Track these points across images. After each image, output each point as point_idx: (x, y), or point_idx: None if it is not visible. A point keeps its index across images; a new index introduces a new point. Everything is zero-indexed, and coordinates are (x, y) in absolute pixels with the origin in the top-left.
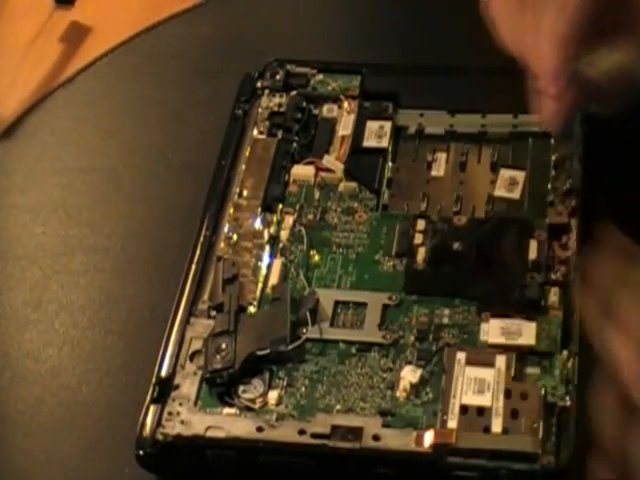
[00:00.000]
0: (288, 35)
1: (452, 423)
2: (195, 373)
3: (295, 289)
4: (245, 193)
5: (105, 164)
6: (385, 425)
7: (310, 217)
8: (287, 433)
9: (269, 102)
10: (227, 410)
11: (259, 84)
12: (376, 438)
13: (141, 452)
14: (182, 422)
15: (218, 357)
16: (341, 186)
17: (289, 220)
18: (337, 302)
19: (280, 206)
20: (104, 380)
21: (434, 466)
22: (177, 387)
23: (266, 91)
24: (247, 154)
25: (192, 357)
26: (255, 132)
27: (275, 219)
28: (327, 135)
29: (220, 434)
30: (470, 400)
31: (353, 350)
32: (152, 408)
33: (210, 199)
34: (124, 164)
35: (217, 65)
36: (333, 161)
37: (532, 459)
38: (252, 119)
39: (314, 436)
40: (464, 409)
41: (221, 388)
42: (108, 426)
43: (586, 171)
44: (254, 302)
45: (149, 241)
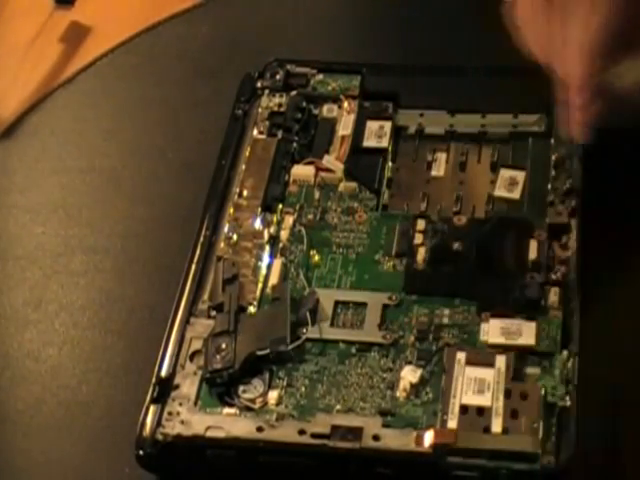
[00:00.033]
0: (288, 35)
1: (452, 423)
2: (195, 373)
3: (295, 289)
4: (245, 193)
5: (105, 164)
6: (385, 425)
7: (310, 217)
8: (287, 433)
9: (269, 102)
10: (227, 410)
11: (259, 84)
12: (376, 438)
13: (141, 452)
14: (182, 422)
15: (218, 357)
16: (341, 186)
17: (289, 220)
18: (337, 302)
19: (280, 206)
20: (104, 380)
21: (434, 466)
22: (177, 387)
23: (266, 91)
24: (247, 154)
25: (192, 357)
26: (255, 132)
27: (275, 219)
28: (327, 135)
29: (220, 434)
30: (470, 400)
31: (353, 350)
32: (152, 408)
33: (210, 199)
34: (124, 164)
35: (217, 65)
36: (333, 161)
37: (532, 459)
38: (252, 119)
39: (314, 436)
40: (464, 409)
41: (221, 388)
42: (108, 426)
43: (586, 171)
44: (254, 302)
45: (149, 241)
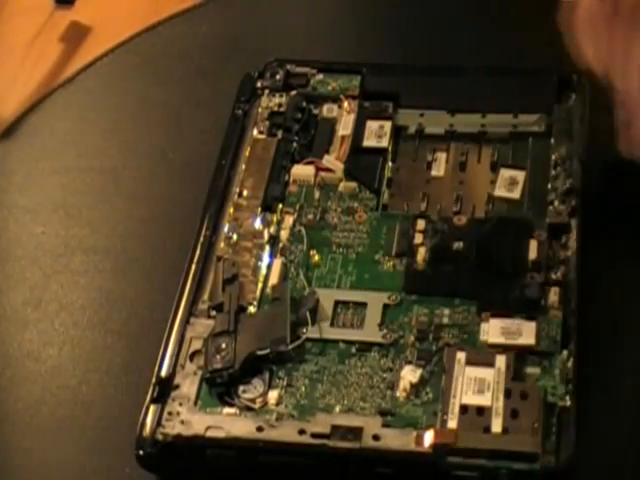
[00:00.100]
0: (288, 35)
1: (452, 423)
2: (195, 373)
3: (295, 289)
4: (245, 193)
5: (105, 164)
6: (385, 425)
7: (310, 217)
8: (287, 433)
9: (269, 102)
10: (227, 410)
11: (259, 84)
12: (376, 438)
13: (141, 452)
14: (182, 422)
15: (218, 357)
16: (341, 186)
17: (289, 220)
18: (337, 302)
19: (280, 206)
20: (104, 380)
21: (434, 466)
22: (177, 387)
23: (266, 91)
24: (247, 154)
25: (192, 357)
26: (255, 132)
27: (275, 219)
28: (327, 135)
29: (220, 434)
30: (470, 400)
31: (353, 350)
32: (152, 408)
33: (210, 199)
34: (124, 164)
35: (217, 65)
36: (333, 161)
37: (532, 459)
38: (252, 119)
39: (314, 436)
40: (464, 409)
41: (221, 388)
42: (108, 426)
43: (586, 171)
44: (254, 302)
45: (149, 241)
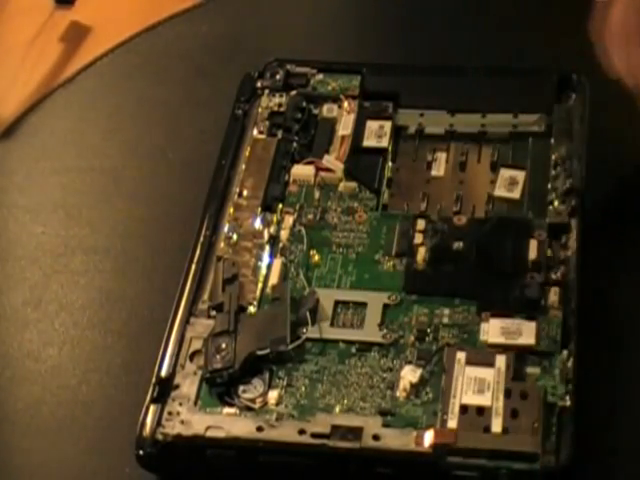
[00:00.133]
0: (288, 35)
1: (452, 423)
2: (195, 373)
3: (295, 289)
4: (245, 193)
5: (105, 164)
6: (385, 425)
7: (310, 217)
8: (287, 433)
9: (269, 102)
10: (227, 410)
11: (259, 84)
12: (376, 438)
13: (141, 452)
14: (182, 422)
15: (218, 357)
16: (341, 186)
17: (289, 220)
18: (337, 302)
19: (280, 206)
20: (104, 380)
21: (434, 466)
22: (177, 387)
23: (266, 91)
24: (247, 154)
25: (192, 357)
26: (255, 132)
27: (275, 219)
28: (327, 135)
29: (220, 434)
30: (470, 400)
31: (353, 350)
32: (152, 408)
33: (210, 199)
34: (124, 164)
35: (217, 65)
36: (333, 161)
37: (532, 459)
38: (252, 119)
39: (314, 436)
40: (464, 409)
41: (221, 388)
42: (108, 426)
43: (586, 171)
44: (254, 302)
45: (149, 241)
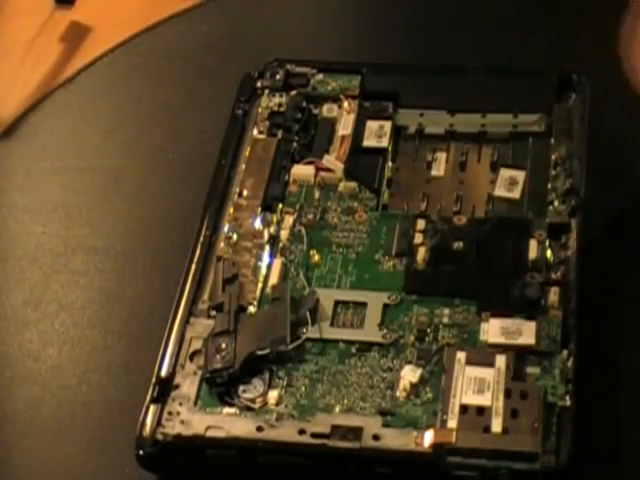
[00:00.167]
0: (288, 35)
1: (452, 423)
2: (195, 373)
3: (295, 289)
4: (245, 193)
5: (105, 164)
6: (385, 425)
7: (310, 217)
8: (287, 433)
9: (269, 102)
10: (227, 410)
11: (259, 84)
12: (376, 438)
13: (141, 452)
14: (182, 422)
15: (218, 357)
16: (341, 186)
17: (289, 220)
18: (337, 302)
19: (280, 206)
20: (104, 380)
21: (434, 466)
22: (177, 387)
23: (266, 91)
24: (247, 154)
25: (192, 357)
26: (255, 132)
27: (275, 219)
28: (327, 135)
29: (220, 434)
30: (470, 400)
31: (353, 350)
32: (152, 408)
33: (210, 199)
34: (124, 164)
35: (217, 65)
36: (333, 161)
37: (532, 459)
38: (252, 119)
39: (314, 436)
40: (464, 409)
41: (221, 388)
42: (108, 426)
43: (586, 171)
44: (254, 302)
45: (149, 241)
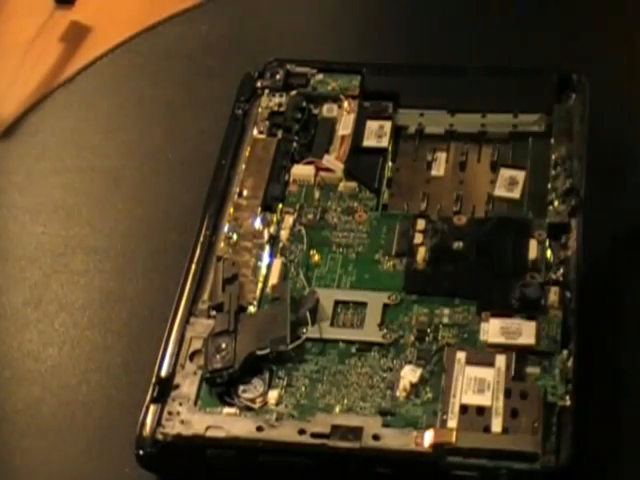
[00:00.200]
0: (288, 35)
1: (452, 423)
2: (195, 373)
3: (295, 289)
4: (245, 193)
5: (105, 164)
6: (385, 425)
7: (310, 217)
8: (287, 433)
9: (269, 102)
10: (227, 410)
11: (259, 84)
12: (376, 438)
13: (141, 452)
14: (182, 422)
15: (218, 357)
16: (341, 186)
17: (289, 220)
18: (337, 302)
19: (280, 206)
20: (104, 380)
21: (434, 466)
22: (177, 387)
23: (266, 91)
24: (247, 154)
25: (192, 357)
26: (255, 132)
27: (275, 219)
28: (327, 135)
29: (220, 434)
30: (470, 400)
31: (353, 350)
32: (152, 408)
33: (210, 199)
34: (124, 164)
35: (217, 65)
36: (333, 161)
37: (532, 459)
38: (252, 119)
39: (314, 436)
40: (464, 409)
41: (221, 388)
42: (108, 426)
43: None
44: (254, 302)
45: (149, 241)
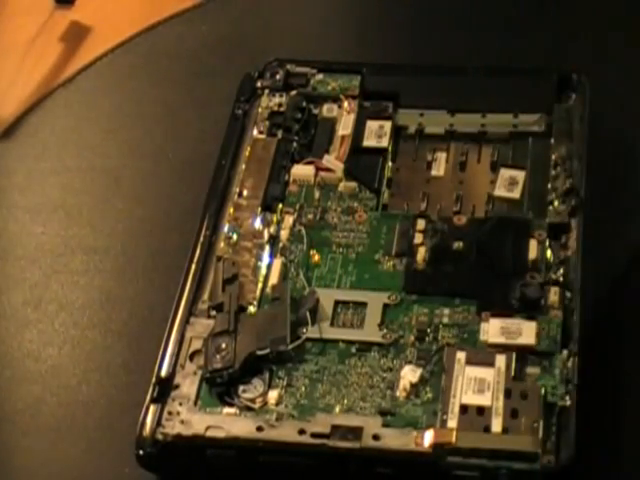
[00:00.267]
0: (288, 35)
1: (452, 423)
2: (195, 373)
3: (295, 289)
4: (245, 193)
5: (105, 164)
6: (385, 425)
7: (310, 217)
8: (287, 433)
9: (269, 102)
10: (227, 410)
11: (259, 84)
12: (376, 438)
13: (141, 452)
14: (182, 422)
15: (218, 357)
16: (341, 186)
17: (289, 220)
18: (337, 302)
19: (280, 206)
20: (104, 380)
21: (434, 466)
22: (177, 387)
23: (266, 91)
24: (247, 154)
25: (192, 357)
26: (255, 132)
27: (275, 219)
28: (327, 135)
29: (220, 434)
30: (470, 400)
31: (353, 350)
32: (152, 408)
33: (210, 199)
34: (124, 164)
35: (217, 65)
36: (333, 161)
37: (532, 459)
38: (252, 119)
39: (314, 436)
40: (464, 409)
41: (221, 388)
42: (108, 426)
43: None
44: (254, 302)
45: (149, 241)
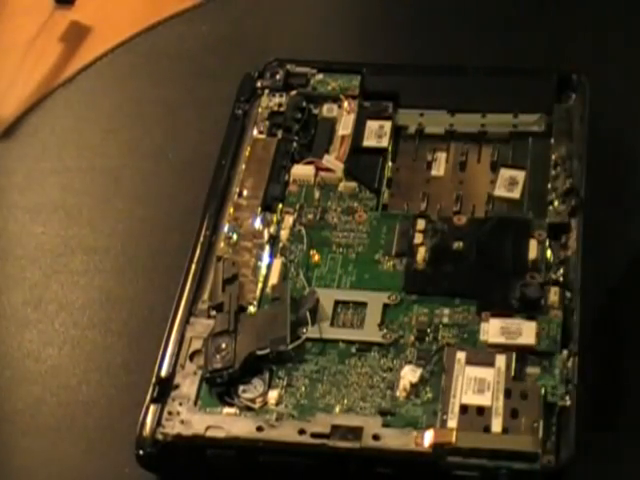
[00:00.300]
0: (288, 35)
1: (452, 423)
2: (195, 373)
3: (295, 289)
4: (245, 193)
5: (105, 164)
6: (385, 425)
7: (310, 217)
8: (287, 433)
9: (269, 102)
10: (227, 410)
11: (259, 84)
12: (376, 438)
13: (141, 452)
14: (182, 422)
15: (218, 357)
16: (341, 186)
17: (289, 220)
18: (337, 302)
19: (280, 206)
20: (104, 380)
21: (434, 466)
22: (177, 387)
23: (266, 91)
24: (247, 154)
25: (192, 357)
26: (255, 132)
27: (275, 219)
28: (327, 135)
29: (220, 434)
30: (470, 400)
31: (353, 350)
32: (152, 408)
33: (210, 199)
34: (124, 164)
35: (217, 65)
36: (333, 161)
37: (532, 459)
38: (252, 119)
39: (314, 436)
40: (464, 409)
41: (221, 388)
42: (108, 426)
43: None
44: (254, 302)
45: (149, 241)
